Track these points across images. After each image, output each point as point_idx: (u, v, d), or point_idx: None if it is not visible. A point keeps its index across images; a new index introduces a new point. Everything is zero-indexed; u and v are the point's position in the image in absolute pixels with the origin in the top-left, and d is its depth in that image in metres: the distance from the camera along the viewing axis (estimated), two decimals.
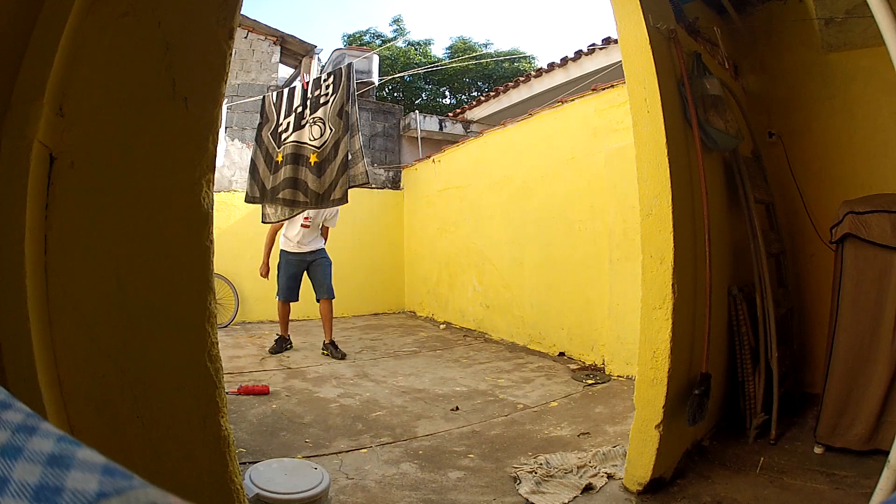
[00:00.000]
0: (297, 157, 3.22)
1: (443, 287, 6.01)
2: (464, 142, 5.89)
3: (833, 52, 2.72)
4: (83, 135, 0.98)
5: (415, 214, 6.76)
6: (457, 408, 2.82)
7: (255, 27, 6.80)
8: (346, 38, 16.14)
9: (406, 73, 11.76)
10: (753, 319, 2.33)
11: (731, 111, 2.28)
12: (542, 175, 4.41)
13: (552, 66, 6.40)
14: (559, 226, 4.21)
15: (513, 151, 4.83)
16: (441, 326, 5.69)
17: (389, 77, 10.77)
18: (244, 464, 1.83)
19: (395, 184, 7.09)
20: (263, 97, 3.51)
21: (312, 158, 3.16)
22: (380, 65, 8.52)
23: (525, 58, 14.96)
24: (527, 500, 1.78)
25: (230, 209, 5.80)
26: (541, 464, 2.04)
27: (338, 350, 4.08)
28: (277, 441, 2.33)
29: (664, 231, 1.82)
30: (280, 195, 3.24)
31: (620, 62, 1.99)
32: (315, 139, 3.19)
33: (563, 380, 3.41)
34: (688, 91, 1.99)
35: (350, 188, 3.10)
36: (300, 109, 3.28)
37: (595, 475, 1.94)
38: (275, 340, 4.26)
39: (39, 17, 0.95)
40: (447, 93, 15.58)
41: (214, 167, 1.10)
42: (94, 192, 0.99)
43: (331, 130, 3.15)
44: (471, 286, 5.46)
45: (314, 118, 3.22)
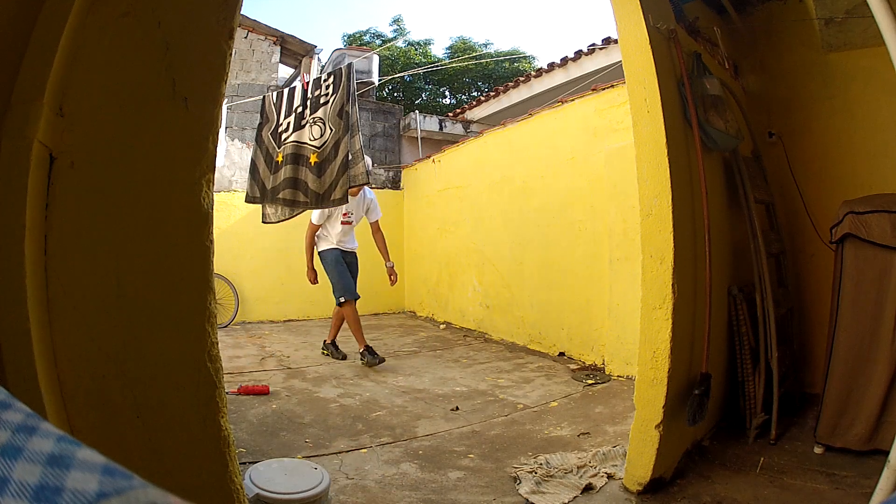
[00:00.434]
0: (298, 157, 3.22)
1: (443, 287, 6.01)
2: (464, 142, 5.88)
3: (833, 52, 2.72)
4: (83, 135, 0.98)
5: (415, 214, 6.76)
6: (457, 408, 2.82)
7: (255, 27, 6.80)
8: (346, 38, 16.16)
9: (406, 73, 11.76)
10: (753, 319, 2.33)
11: (731, 111, 2.28)
12: (542, 175, 4.41)
13: (552, 67, 6.40)
14: (559, 226, 4.21)
15: (513, 151, 4.83)
16: (441, 326, 5.69)
17: (389, 77, 10.77)
18: (244, 464, 1.83)
19: (395, 184, 7.09)
20: (263, 97, 3.50)
21: (312, 158, 3.16)
22: (380, 65, 8.52)
23: (525, 58, 14.97)
24: (527, 500, 1.78)
25: (230, 209, 5.80)
26: (541, 464, 2.04)
27: (339, 351, 4.05)
28: (277, 441, 2.33)
29: (664, 231, 1.82)
30: (280, 195, 3.24)
31: (620, 62, 1.99)
32: (315, 139, 3.19)
33: (563, 380, 3.41)
34: (688, 91, 1.99)
35: (350, 188, 3.10)
36: (300, 109, 3.28)
37: (595, 475, 1.94)
38: (360, 356, 3.81)
39: (39, 17, 0.95)
40: (447, 93, 15.58)
41: (214, 167, 1.10)
42: (94, 192, 0.99)
43: (331, 130, 3.15)
44: (471, 286, 5.46)
45: (314, 118, 3.22)
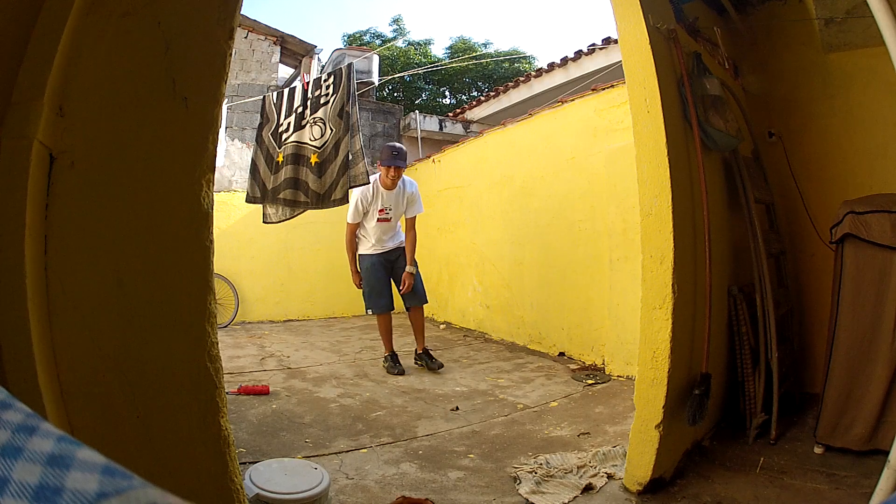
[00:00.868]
0: (298, 158, 3.23)
1: (443, 287, 6.00)
2: (464, 142, 5.88)
3: (833, 52, 2.72)
4: (83, 135, 0.98)
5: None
6: (457, 408, 2.82)
7: (255, 27, 6.81)
8: (346, 38, 16.20)
9: (406, 73, 11.76)
10: (753, 319, 2.33)
11: (731, 111, 2.28)
12: (542, 175, 4.40)
13: (552, 67, 6.41)
14: (559, 226, 4.21)
15: (513, 151, 4.82)
16: (441, 326, 5.69)
17: (389, 77, 10.78)
18: (244, 464, 1.83)
19: None
20: (263, 97, 3.51)
21: (313, 159, 3.16)
22: (380, 65, 8.52)
23: (525, 58, 14.99)
24: (527, 500, 1.78)
25: (230, 209, 5.80)
26: (541, 464, 2.04)
27: (433, 360, 3.66)
28: (277, 441, 2.33)
29: (664, 231, 1.82)
30: (281, 195, 3.25)
31: (620, 62, 1.99)
32: (315, 139, 3.19)
33: (563, 380, 3.41)
34: (688, 91, 1.99)
35: (351, 188, 3.10)
36: (300, 110, 3.28)
37: (595, 475, 1.94)
38: (383, 360, 3.70)
39: (39, 17, 0.95)
40: (447, 93, 15.60)
41: (214, 167, 1.11)
42: (94, 192, 0.99)
43: (331, 130, 3.15)
44: (471, 286, 5.45)
45: (314, 118, 3.22)
